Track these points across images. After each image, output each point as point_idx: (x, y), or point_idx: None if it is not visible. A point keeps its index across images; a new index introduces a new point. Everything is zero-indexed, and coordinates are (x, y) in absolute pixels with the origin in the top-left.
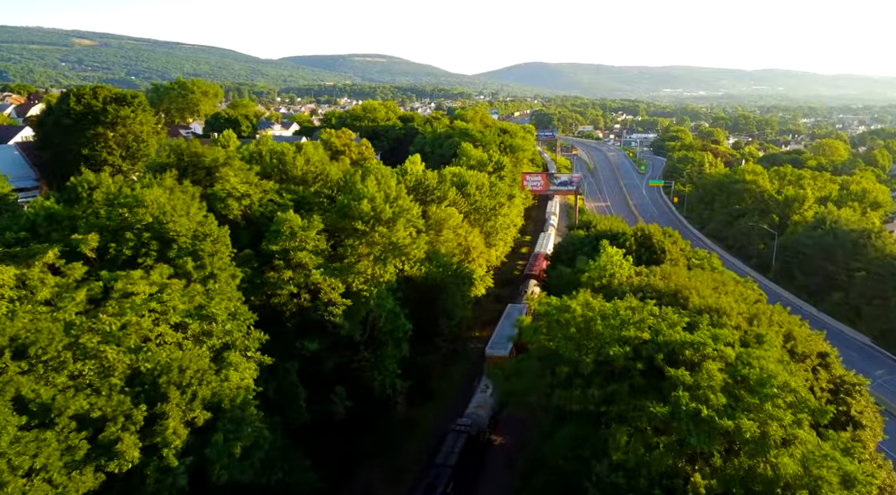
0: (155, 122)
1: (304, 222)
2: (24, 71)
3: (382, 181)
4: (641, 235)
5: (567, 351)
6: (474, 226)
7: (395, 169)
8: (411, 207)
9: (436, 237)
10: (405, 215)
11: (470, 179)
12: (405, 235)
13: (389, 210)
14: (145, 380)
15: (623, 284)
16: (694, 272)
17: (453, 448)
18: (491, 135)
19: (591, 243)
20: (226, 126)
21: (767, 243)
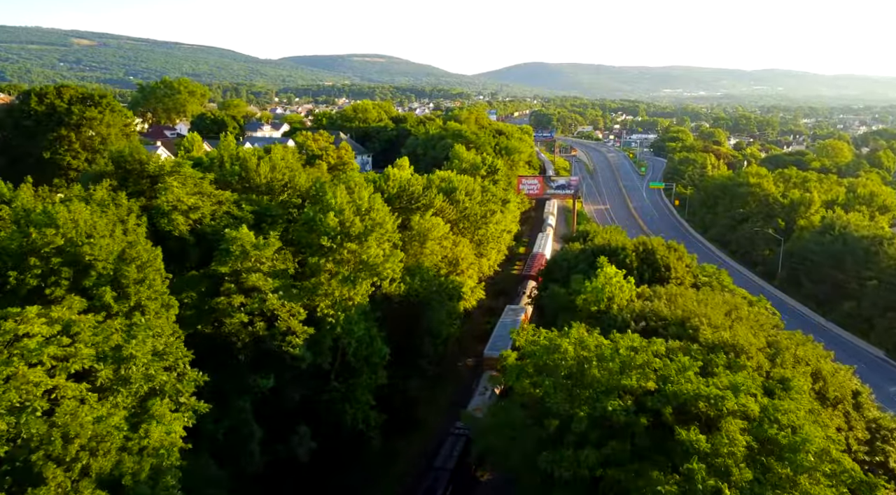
0: (124, 123)
1: (260, 239)
2: (22, 71)
3: (357, 190)
4: (643, 250)
5: (556, 402)
6: (464, 235)
7: (379, 174)
8: (386, 220)
9: (419, 249)
10: (378, 230)
11: (459, 185)
12: (377, 252)
13: (360, 224)
14: (17, 456)
15: (623, 310)
16: (703, 293)
17: (452, 451)
18: (485, 137)
19: (587, 259)
20: (211, 127)
21: (773, 249)
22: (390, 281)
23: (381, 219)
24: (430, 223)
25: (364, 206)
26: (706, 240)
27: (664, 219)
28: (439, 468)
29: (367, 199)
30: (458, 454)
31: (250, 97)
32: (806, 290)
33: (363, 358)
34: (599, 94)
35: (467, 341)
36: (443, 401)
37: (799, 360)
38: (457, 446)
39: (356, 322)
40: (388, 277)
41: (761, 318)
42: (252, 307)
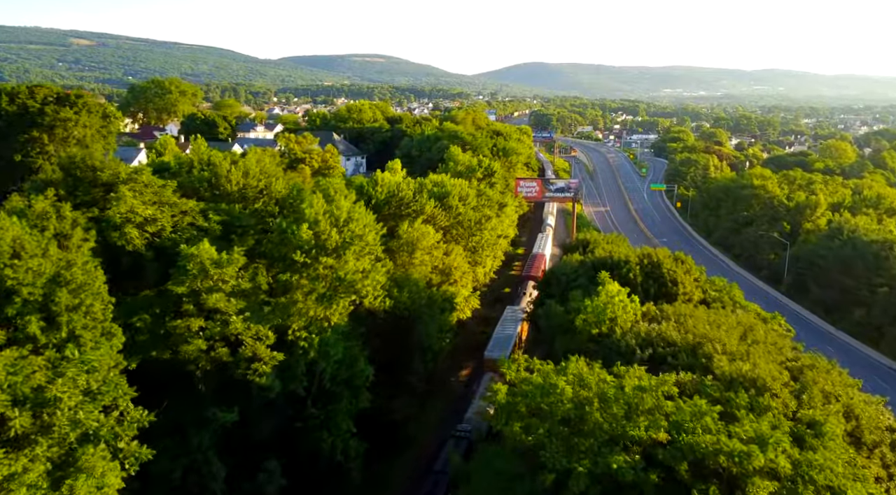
0: (102, 124)
1: (223, 255)
2: (20, 71)
3: (337, 197)
4: (648, 263)
5: (552, 453)
6: (457, 243)
7: (368, 178)
8: (366, 233)
9: (408, 259)
10: (358, 243)
11: (452, 189)
12: (356, 268)
13: (337, 236)
14: None
15: (628, 333)
16: (714, 312)
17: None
18: (482, 138)
19: (587, 273)
20: (202, 128)
21: (778, 253)
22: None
23: (361, 231)
24: (420, 231)
25: (342, 217)
26: (709, 244)
27: (666, 221)
28: (439, 471)
29: (347, 208)
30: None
31: (248, 97)
32: (813, 296)
33: (343, 381)
34: (599, 93)
35: (461, 353)
36: (433, 419)
37: (828, 396)
38: (458, 449)
39: (333, 344)
40: (367, 295)
41: (779, 341)
42: (213, 331)
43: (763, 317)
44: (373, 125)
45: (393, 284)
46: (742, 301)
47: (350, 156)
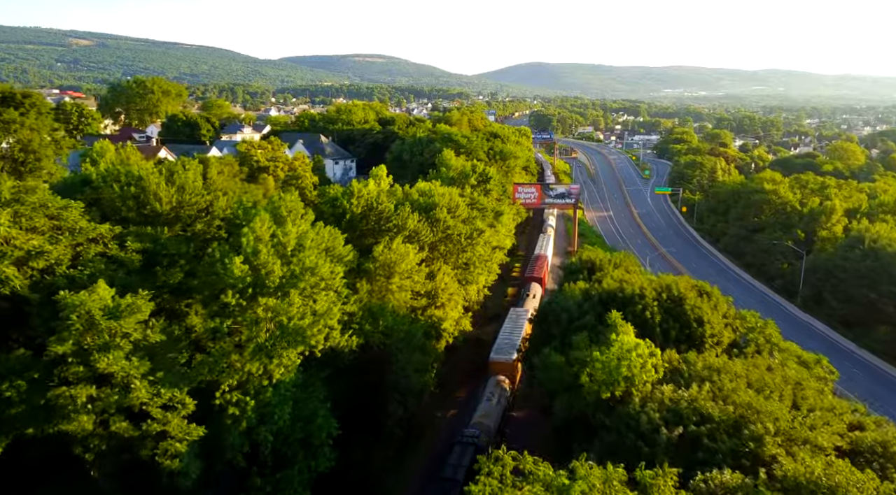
0: (53, 127)
1: (124, 301)
2: (18, 71)
3: (290, 218)
4: (668, 298)
5: None
6: (445, 260)
7: (344, 189)
8: (321, 264)
9: (384, 284)
10: (309, 278)
11: (440, 200)
12: (303, 311)
13: (280, 270)
14: None
15: (648, 402)
16: (753, 364)
17: (460, 461)
18: (478, 141)
19: (593, 309)
20: (183, 129)
21: (792, 263)
22: (335, 338)
23: (314, 263)
24: (398, 253)
25: (290, 245)
26: (717, 252)
27: (671, 227)
28: (447, 479)
29: (295, 235)
30: (466, 464)
31: (246, 98)
32: (831, 310)
33: (297, 441)
34: (600, 94)
35: (451, 381)
36: (415, 466)
37: None
38: (465, 455)
39: (278, 404)
40: (318, 345)
41: (835, 402)
42: (109, 401)
43: (805, 362)
44: (363, 127)
45: (366, 315)
46: (778, 338)
47: (339, 160)
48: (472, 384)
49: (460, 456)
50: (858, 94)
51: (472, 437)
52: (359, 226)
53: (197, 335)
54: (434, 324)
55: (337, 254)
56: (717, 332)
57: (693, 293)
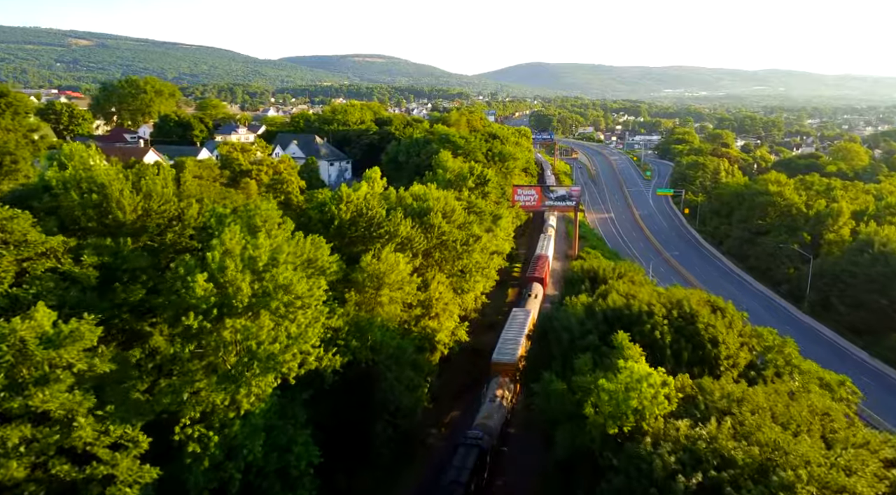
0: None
1: (68, 326)
2: (17, 71)
3: (267, 227)
4: (679, 316)
5: None
6: (441, 268)
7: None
8: (293, 282)
9: (373, 297)
10: (282, 296)
11: (435, 205)
12: (275, 334)
13: (249, 289)
14: None
15: (661, 440)
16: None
17: (464, 463)
18: (476, 142)
19: (598, 327)
20: (175, 130)
21: (798, 267)
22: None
23: (289, 279)
24: (387, 263)
25: (261, 261)
26: (720, 254)
27: (673, 229)
28: (452, 481)
29: (267, 249)
30: (471, 466)
31: (245, 98)
32: (839, 317)
33: (273, 472)
34: (600, 94)
35: (447, 394)
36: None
37: None
38: (469, 457)
39: (248, 436)
40: (290, 372)
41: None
42: (47, 442)
43: (828, 384)
44: (360, 127)
45: (352, 330)
46: (798, 357)
47: (334, 161)
48: (468, 397)
49: (464, 458)
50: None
51: (475, 439)
52: (348, 232)
53: (162, 357)
54: (428, 336)
55: (319, 265)
56: (733, 353)
57: (706, 310)
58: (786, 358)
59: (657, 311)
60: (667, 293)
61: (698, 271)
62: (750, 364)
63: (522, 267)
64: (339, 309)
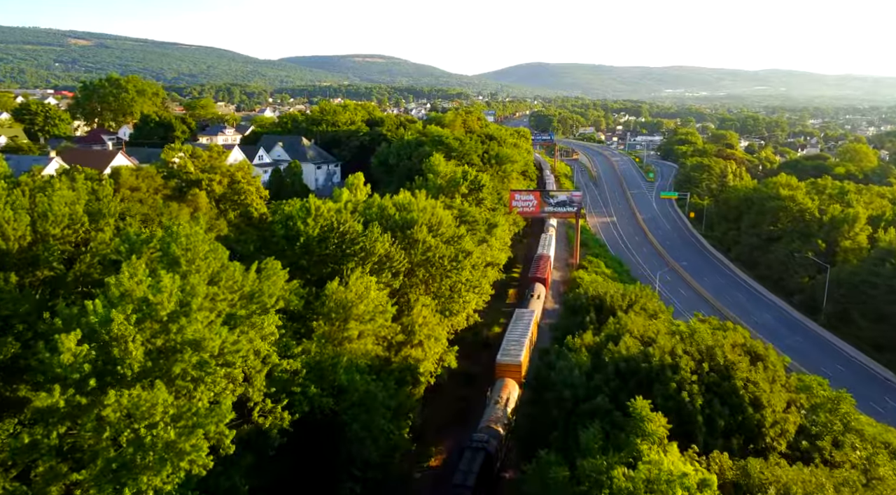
0: None
1: None
2: (15, 71)
3: (188, 258)
4: (711, 369)
5: None
6: (427, 288)
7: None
8: (205, 336)
9: (339, 331)
10: (189, 357)
11: (420, 216)
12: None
13: (142, 348)
14: None
15: None
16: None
17: (471, 466)
18: (471, 144)
19: (607, 384)
20: (156, 130)
21: (813, 276)
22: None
23: (200, 334)
24: (354, 291)
25: (163, 309)
26: (729, 262)
27: (678, 234)
28: (458, 485)
29: (174, 294)
30: (477, 470)
31: (243, 98)
32: (859, 331)
33: None
34: (601, 94)
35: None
36: None
37: None
38: (475, 460)
39: None
40: (192, 466)
41: None
42: None
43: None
44: (349, 128)
45: (313, 372)
46: (854, 412)
47: (321, 164)
48: (459, 433)
49: (470, 462)
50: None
51: (480, 442)
52: (317, 250)
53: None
54: (410, 367)
55: (262, 301)
56: (780, 417)
57: (744, 362)
58: (843, 419)
59: (683, 365)
60: (690, 332)
61: (708, 282)
62: (800, 428)
63: (523, 268)
64: (296, 347)
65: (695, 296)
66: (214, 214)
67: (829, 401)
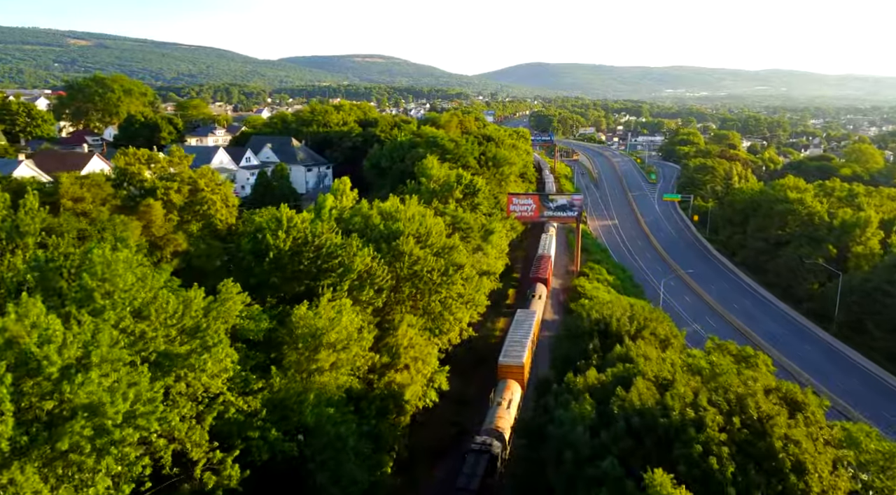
0: None
1: None
2: (14, 71)
3: (106, 287)
4: (743, 425)
5: None
6: (415, 303)
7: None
8: (108, 400)
9: (305, 361)
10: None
11: (407, 226)
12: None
13: (11, 420)
14: None
15: None
16: None
17: (474, 470)
18: (467, 145)
19: (616, 442)
20: (142, 131)
21: (825, 283)
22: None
23: (95, 396)
24: (324, 317)
25: (49, 366)
26: (734, 267)
27: (682, 238)
28: (462, 489)
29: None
30: (480, 473)
31: (241, 98)
32: (874, 341)
33: None
34: (601, 94)
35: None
36: None
37: None
38: (479, 463)
39: None
40: None
41: None
42: None
43: None
44: (341, 129)
45: (273, 414)
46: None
47: (312, 167)
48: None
49: (474, 466)
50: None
51: (484, 445)
52: (289, 265)
53: None
54: (393, 394)
55: (206, 340)
56: (828, 485)
57: (782, 416)
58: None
59: (709, 420)
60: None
61: (715, 289)
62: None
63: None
64: (256, 382)
65: (699, 303)
66: (171, 227)
67: (882, 457)
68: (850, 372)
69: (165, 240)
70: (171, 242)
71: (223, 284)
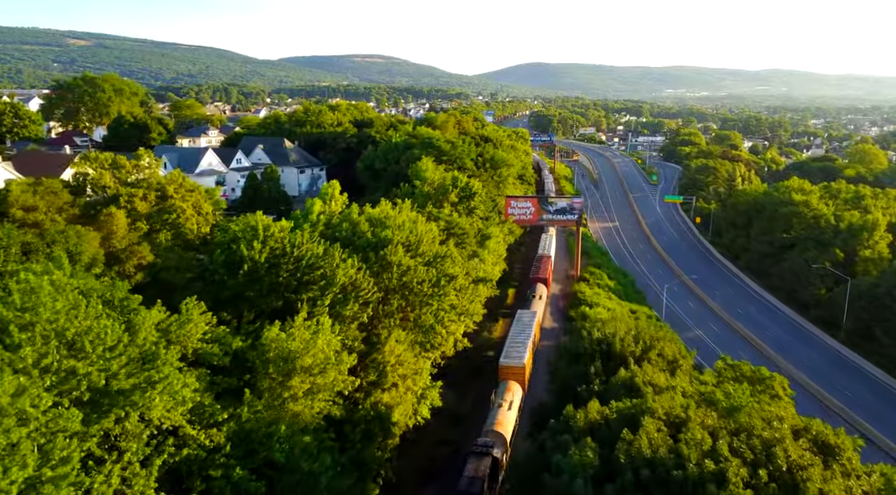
0: None
1: None
2: (13, 71)
3: (27, 317)
4: (771, 477)
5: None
6: (406, 316)
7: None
8: (16, 457)
9: (278, 387)
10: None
11: (396, 235)
12: None
13: None
14: None
15: None
16: None
17: (476, 472)
18: (464, 147)
19: None
20: (131, 132)
21: (832, 288)
22: None
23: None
24: (299, 338)
25: None
26: (738, 271)
27: (684, 240)
28: (463, 491)
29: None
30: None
31: (240, 98)
32: (881, 348)
33: None
34: (601, 94)
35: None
36: None
37: None
38: (481, 465)
39: None
40: None
41: None
42: None
43: None
44: (336, 130)
45: (239, 449)
46: None
47: (305, 168)
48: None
49: (476, 468)
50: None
51: (485, 447)
52: (266, 278)
53: None
54: (380, 416)
55: (157, 371)
56: None
57: (817, 466)
58: None
59: (731, 474)
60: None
61: (720, 295)
62: None
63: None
64: (221, 413)
65: (703, 308)
66: (136, 238)
67: None
68: (862, 381)
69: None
70: (134, 254)
71: (184, 303)
